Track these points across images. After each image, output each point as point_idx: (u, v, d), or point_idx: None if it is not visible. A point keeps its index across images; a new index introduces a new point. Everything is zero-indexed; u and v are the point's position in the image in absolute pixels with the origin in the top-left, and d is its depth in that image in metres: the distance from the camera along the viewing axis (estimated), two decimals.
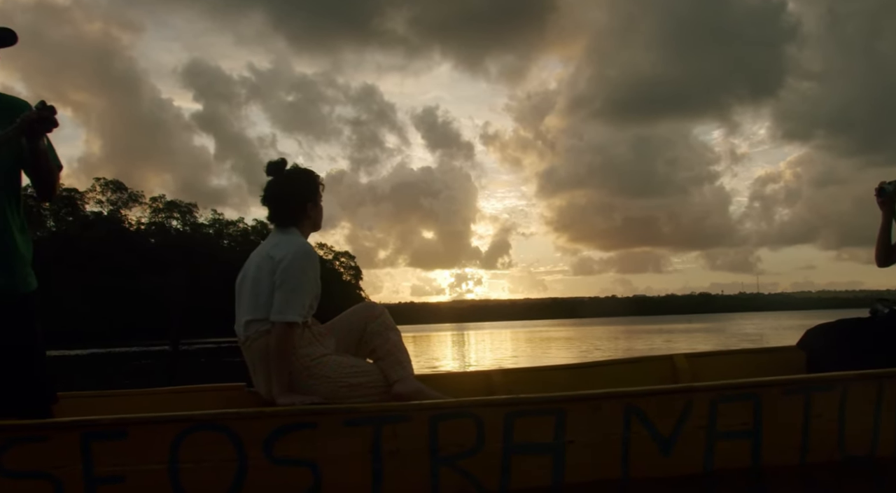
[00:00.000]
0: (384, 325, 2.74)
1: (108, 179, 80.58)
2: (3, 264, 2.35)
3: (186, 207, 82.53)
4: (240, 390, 2.98)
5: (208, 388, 3.05)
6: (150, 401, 2.96)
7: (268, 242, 2.67)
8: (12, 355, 2.36)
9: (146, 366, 19.34)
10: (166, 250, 72.26)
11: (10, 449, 2.12)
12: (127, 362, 22.18)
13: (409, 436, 2.32)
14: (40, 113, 2.21)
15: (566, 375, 3.46)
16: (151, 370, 16.83)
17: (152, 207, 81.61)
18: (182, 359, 23.20)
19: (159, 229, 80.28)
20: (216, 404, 2.89)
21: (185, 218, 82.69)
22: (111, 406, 2.85)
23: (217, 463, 2.21)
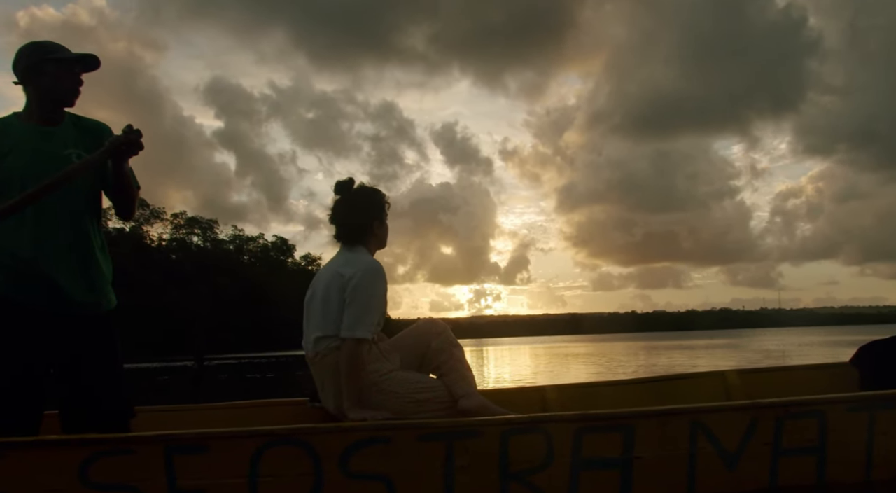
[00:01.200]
0: (448, 341, 2.79)
1: None
2: (87, 282, 2.43)
3: (207, 224, 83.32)
4: (302, 405, 3.03)
5: (271, 403, 3.10)
6: (213, 416, 3.02)
7: (336, 261, 2.73)
8: (96, 369, 2.43)
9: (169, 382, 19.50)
10: (187, 265, 72.94)
11: (97, 462, 2.17)
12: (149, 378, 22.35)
13: (480, 451, 2.35)
14: (128, 136, 2.30)
15: (619, 391, 3.49)
16: (174, 387, 16.99)
17: (174, 224, 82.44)
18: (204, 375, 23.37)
19: (180, 245, 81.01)
20: (280, 420, 2.94)
21: (206, 234, 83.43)
22: (178, 421, 2.91)
23: (294, 477, 2.26)
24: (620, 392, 3.46)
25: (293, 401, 3.08)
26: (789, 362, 16.71)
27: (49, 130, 2.47)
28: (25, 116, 2.49)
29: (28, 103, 2.50)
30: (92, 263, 2.46)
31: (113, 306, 2.53)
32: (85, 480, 2.16)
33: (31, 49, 2.49)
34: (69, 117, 2.54)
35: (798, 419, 2.57)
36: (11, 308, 2.35)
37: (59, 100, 2.50)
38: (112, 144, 2.32)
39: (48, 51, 2.48)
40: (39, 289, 2.36)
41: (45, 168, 2.38)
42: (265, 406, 3.08)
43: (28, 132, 2.44)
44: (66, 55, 2.49)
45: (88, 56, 2.53)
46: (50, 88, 2.47)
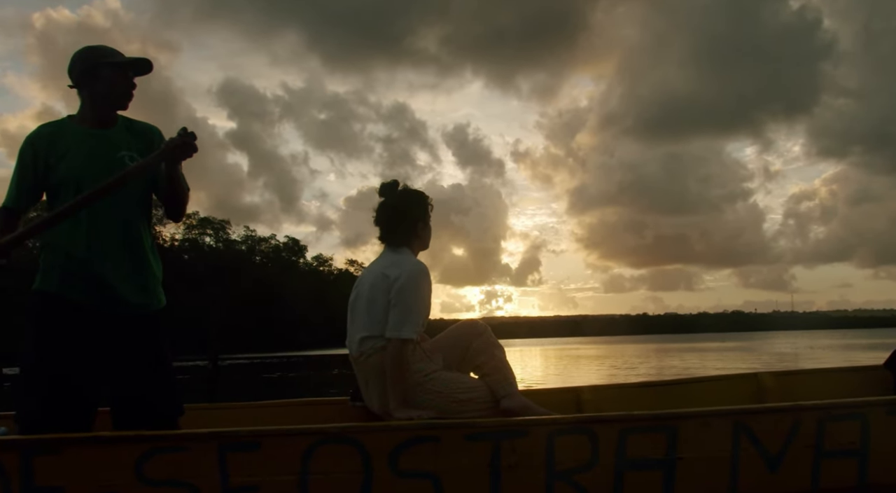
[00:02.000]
0: (488, 342, 2.81)
1: None
2: (138, 282, 2.48)
3: (220, 224, 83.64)
4: (343, 404, 3.06)
5: (312, 402, 3.14)
6: (256, 414, 3.06)
7: (381, 262, 2.77)
8: (147, 368, 2.47)
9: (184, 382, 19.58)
10: (199, 265, 73.25)
11: (152, 459, 2.21)
12: None
13: (526, 451, 2.38)
14: (183, 139, 2.34)
15: (652, 392, 3.51)
16: (189, 387, 17.08)
17: (186, 224, 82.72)
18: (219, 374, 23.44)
19: (193, 246, 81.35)
20: (321, 419, 2.97)
21: (219, 234, 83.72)
22: (222, 418, 2.95)
23: (344, 475, 2.29)
24: (655, 394, 3.48)
25: (334, 400, 3.12)
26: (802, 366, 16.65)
27: (103, 133, 2.52)
28: (79, 119, 2.54)
29: (82, 107, 2.55)
30: (143, 263, 2.51)
31: (163, 306, 2.57)
32: (140, 476, 2.20)
33: (86, 54, 2.54)
34: (121, 120, 2.59)
35: (840, 422, 2.58)
36: (66, 306, 2.40)
37: (113, 103, 2.55)
38: (168, 147, 2.36)
39: (103, 55, 2.53)
40: (93, 288, 2.41)
41: (99, 170, 2.43)
42: (306, 405, 3.12)
43: (82, 135, 2.49)
44: (120, 59, 2.54)
45: (141, 60, 2.59)
46: (104, 91, 2.52)
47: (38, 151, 2.45)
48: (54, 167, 2.44)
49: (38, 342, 2.40)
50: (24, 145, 2.47)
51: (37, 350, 2.39)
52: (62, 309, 2.39)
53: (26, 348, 2.41)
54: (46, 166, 2.44)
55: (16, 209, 2.47)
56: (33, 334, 2.41)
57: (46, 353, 2.37)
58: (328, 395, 3.94)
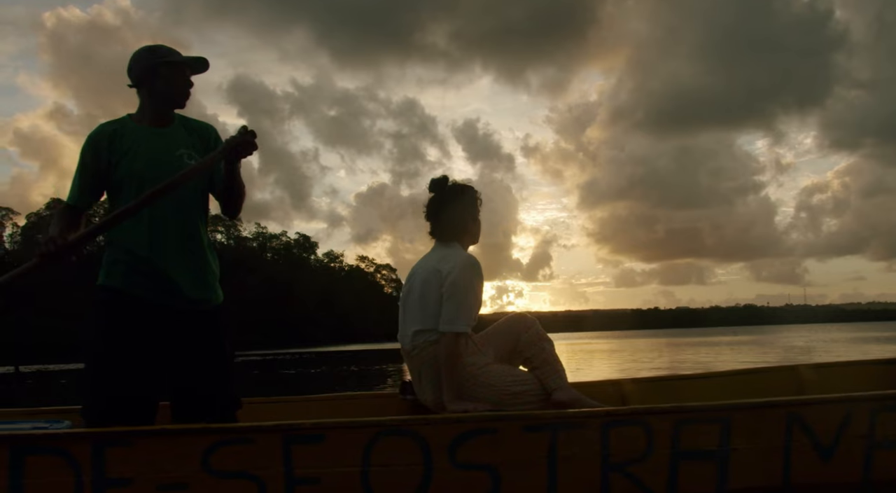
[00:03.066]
0: (538, 335, 2.84)
1: None
2: (199, 278, 2.52)
3: (231, 221, 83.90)
4: (393, 397, 3.10)
5: (362, 396, 3.18)
6: (309, 408, 3.10)
7: (433, 256, 2.80)
8: (205, 362, 2.52)
9: None
10: None
11: (218, 451, 2.26)
12: None
13: (582, 442, 2.41)
14: (244, 137, 2.37)
15: (694, 385, 3.52)
16: None
17: None
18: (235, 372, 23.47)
19: None
20: (372, 412, 3.01)
21: (230, 231, 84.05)
22: (274, 411, 3.00)
23: (405, 467, 2.33)
24: (696, 386, 3.50)
25: (383, 394, 3.16)
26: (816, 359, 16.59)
27: (161, 132, 2.56)
28: (138, 118, 2.58)
29: (141, 106, 2.59)
30: (202, 260, 2.55)
31: (220, 301, 2.61)
32: (207, 467, 2.24)
33: (145, 53, 2.58)
34: (179, 119, 2.63)
35: (891, 412, 2.59)
36: (129, 301, 2.44)
37: (171, 102, 2.58)
38: (229, 145, 2.40)
39: (161, 55, 2.57)
40: (154, 284, 2.45)
41: (159, 168, 2.47)
42: (354, 399, 3.16)
43: (142, 134, 2.53)
44: (178, 58, 2.57)
45: (198, 59, 2.62)
46: (163, 90, 2.56)
47: (99, 149, 2.49)
48: (116, 165, 2.48)
49: (103, 337, 2.44)
50: (86, 144, 2.51)
51: (101, 345, 2.44)
52: (126, 304, 2.44)
53: (91, 343, 2.46)
54: (108, 165, 2.49)
55: (79, 207, 2.52)
56: (98, 329, 2.45)
57: (112, 347, 2.42)
58: (354, 390, 3.99)
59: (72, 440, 2.22)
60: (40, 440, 2.22)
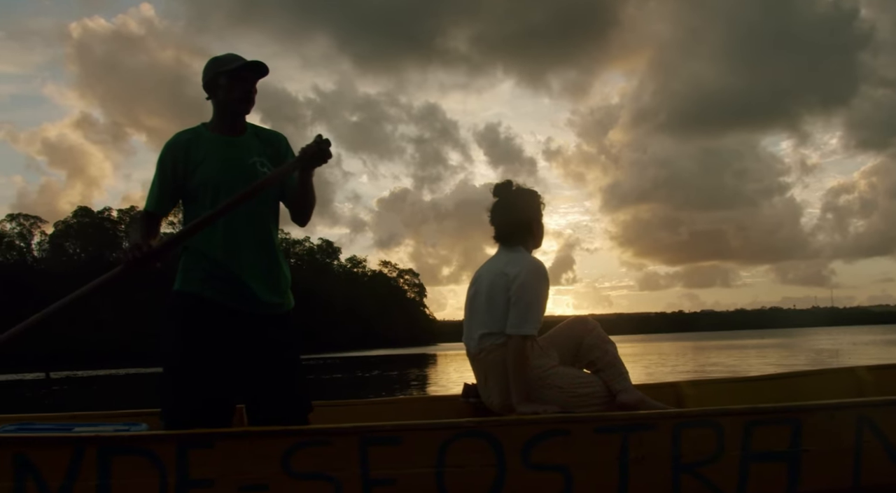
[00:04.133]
0: (600, 338, 2.86)
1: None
2: (272, 283, 2.58)
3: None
4: (455, 400, 3.14)
5: (423, 399, 3.23)
6: (374, 411, 3.14)
7: (498, 260, 2.83)
8: (279, 365, 2.57)
9: None
10: None
11: (297, 452, 2.30)
12: None
13: (653, 443, 2.43)
14: (319, 146, 2.42)
15: (751, 387, 3.52)
16: None
17: None
18: None
19: None
20: (435, 415, 3.04)
21: None
22: (341, 415, 3.04)
23: (479, 468, 2.36)
24: (753, 388, 3.50)
25: (445, 397, 3.19)
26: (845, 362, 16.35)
27: (234, 140, 2.61)
28: (212, 127, 2.64)
29: (214, 115, 2.65)
30: (276, 266, 2.61)
31: (292, 307, 2.67)
32: (287, 469, 2.29)
33: (208, 65, 2.64)
34: (250, 128, 2.68)
35: None
36: (207, 306, 2.50)
37: (233, 110, 2.63)
38: (304, 154, 2.45)
39: (220, 64, 2.62)
40: (230, 289, 2.51)
41: (234, 176, 2.53)
42: (416, 402, 3.21)
43: (216, 142, 2.59)
44: (233, 65, 2.60)
45: (252, 63, 2.61)
46: (224, 99, 2.61)
47: (176, 158, 2.56)
48: (192, 173, 2.54)
49: (182, 341, 2.50)
50: (164, 153, 2.58)
51: (182, 349, 2.50)
52: (204, 309, 2.50)
53: (170, 347, 2.52)
54: (185, 173, 2.55)
55: (157, 214, 2.58)
56: (177, 333, 2.52)
57: (191, 351, 2.48)
58: (378, 395, 4.03)
59: (157, 442, 2.27)
60: (127, 442, 2.28)
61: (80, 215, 78.55)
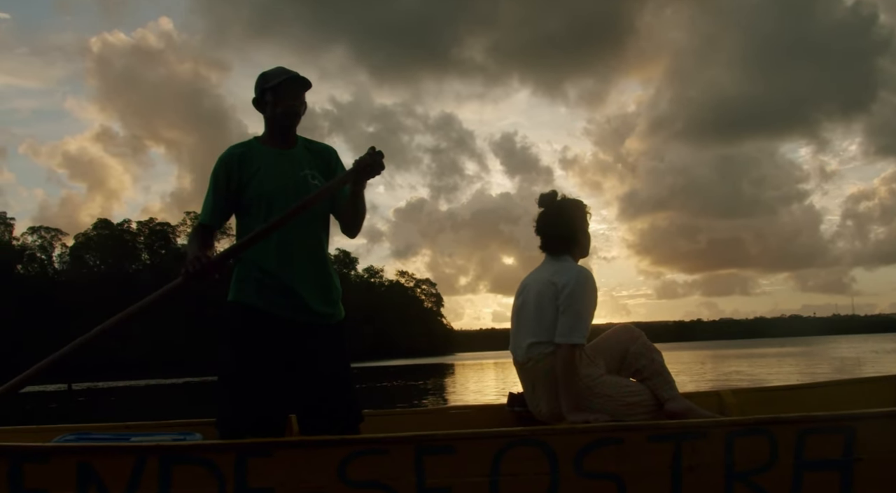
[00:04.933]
0: (646, 346, 2.87)
1: (198, 213, 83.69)
2: (324, 294, 2.61)
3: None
4: (499, 409, 3.15)
5: (467, 407, 3.24)
6: (417, 420, 3.16)
7: (546, 270, 2.85)
8: (330, 375, 2.60)
9: None
10: None
11: (354, 461, 2.33)
12: None
13: (706, 452, 2.43)
14: (373, 158, 2.46)
15: (794, 394, 3.51)
16: None
17: None
18: None
19: None
20: (481, 424, 3.06)
21: None
22: (391, 424, 3.06)
23: (532, 476, 2.37)
24: (796, 396, 3.48)
25: (490, 406, 3.21)
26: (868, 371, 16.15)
27: (285, 153, 2.66)
28: (264, 140, 2.69)
29: (265, 129, 2.70)
30: (327, 277, 2.65)
31: (343, 318, 2.70)
32: (343, 477, 2.31)
33: (257, 81, 2.69)
34: (301, 140, 2.73)
35: None
36: (261, 316, 2.54)
37: (280, 123, 2.67)
38: (358, 166, 2.48)
39: (266, 80, 2.67)
40: (284, 300, 2.55)
41: (286, 189, 2.58)
42: (461, 411, 3.22)
43: (269, 155, 2.64)
44: (276, 81, 2.63)
45: (293, 78, 2.64)
46: (271, 114, 2.66)
47: (230, 171, 2.60)
48: (246, 186, 2.59)
49: (237, 351, 2.54)
50: (218, 166, 2.62)
51: (237, 359, 2.54)
52: (258, 319, 2.54)
53: (225, 357, 2.56)
54: (238, 185, 2.60)
55: (212, 226, 2.63)
56: (233, 344, 2.56)
57: (246, 361, 2.52)
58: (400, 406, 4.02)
59: (217, 451, 2.31)
60: (188, 451, 2.31)
61: (100, 228, 79.40)
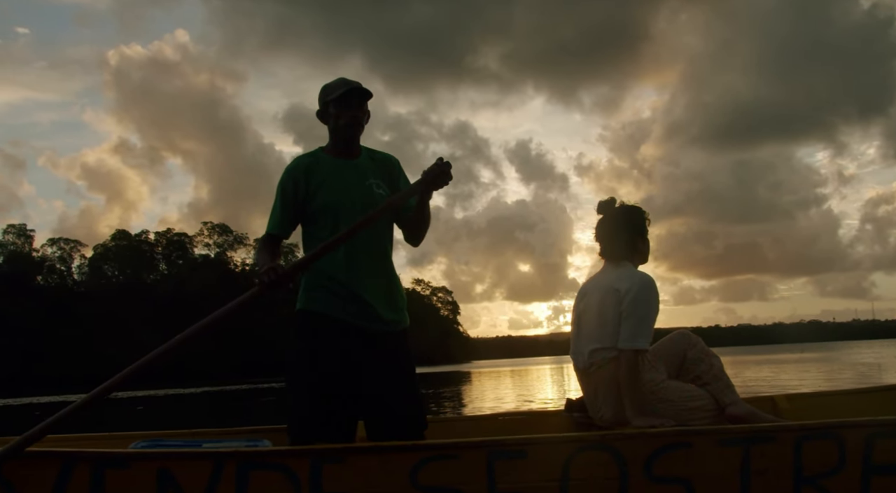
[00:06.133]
0: (704, 352, 2.89)
1: (214, 223, 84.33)
2: (392, 302, 2.65)
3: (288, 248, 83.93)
4: (557, 415, 3.17)
5: (526, 414, 3.26)
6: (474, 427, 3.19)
7: (607, 276, 2.87)
8: (399, 382, 2.63)
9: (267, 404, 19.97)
10: None
11: (425, 466, 2.35)
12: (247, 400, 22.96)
13: (775, 456, 2.43)
14: (441, 168, 2.49)
15: (850, 399, 3.52)
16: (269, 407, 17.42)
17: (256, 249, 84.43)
18: None
19: None
20: (541, 430, 3.08)
21: (287, 258, 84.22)
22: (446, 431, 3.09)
23: (602, 481, 2.38)
24: (852, 400, 3.48)
25: (548, 411, 3.23)
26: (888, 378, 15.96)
27: (350, 163, 2.70)
28: (329, 151, 2.73)
29: (329, 140, 2.75)
30: (394, 284, 2.69)
31: (408, 325, 2.73)
32: (415, 483, 2.33)
33: (319, 94, 2.74)
34: (364, 150, 2.77)
35: None
36: (331, 324, 2.58)
37: (342, 135, 2.71)
38: (428, 177, 2.52)
39: (327, 93, 2.71)
40: (353, 307, 2.59)
41: (353, 198, 2.62)
42: (520, 417, 3.24)
43: (334, 166, 2.68)
44: (337, 94, 2.67)
45: (354, 88, 2.68)
46: (334, 126, 2.70)
47: (297, 181, 2.65)
48: (313, 196, 2.63)
49: (307, 358, 2.58)
50: (285, 177, 2.67)
51: (307, 366, 2.57)
52: (328, 326, 2.58)
53: (296, 364, 2.60)
54: (306, 196, 2.64)
55: (280, 236, 2.68)
56: (302, 351, 2.59)
57: (316, 368, 2.55)
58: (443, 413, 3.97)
59: (293, 457, 2.34)
60: (264, 457, 2.34)
61: (118, 239, 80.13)
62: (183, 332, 2.42)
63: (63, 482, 2.26)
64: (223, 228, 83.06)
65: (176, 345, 2.38)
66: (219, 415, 15.74)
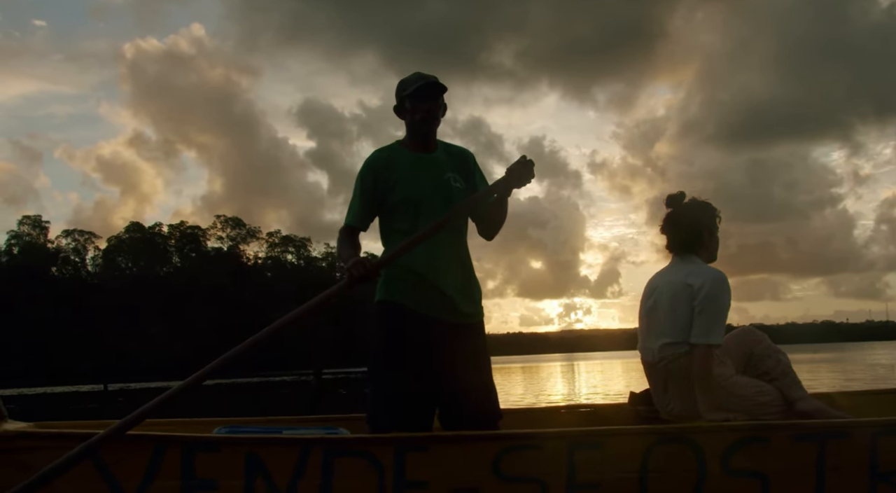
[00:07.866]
0: (770, 348, 2.91)
1: (227, 216, 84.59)
2: (469, 294, 2.70)
3: (301, 242, 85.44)
4: (621, 407, 3.20)
5: (591, 406, 3.30)
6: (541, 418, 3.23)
7: (677, 271, 2.89)
8: (473, 372, 2.67)
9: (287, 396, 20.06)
10: (281, 283, 75.02)
11: (507, 456, 2.39)
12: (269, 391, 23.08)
13: (850, 452, 2.46)
14: (524, 167, 2.53)
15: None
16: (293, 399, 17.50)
17: (268, 242, 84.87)
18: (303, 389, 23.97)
19: (275, 263, 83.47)
20: (606, 422, 3.12)
21: (300, 252, 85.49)
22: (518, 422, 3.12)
23: (680, 473, 2.42)
24: None
25: (612, 404, 3.26)
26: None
27: (428, 157, 2.74)
28: (406, 144, 2.77)
29: (406, 134, 2.78)
30: (471, 277, 2.73)
31: (483, 317, 2.77)
32: (497, 472, 2.38)
33: (396, 89, 2.76)
34: (441, 144, 2.81)
35: None
36: (410, 315, 2.62)
37: (417, 130, 2.74)
38: (511, 175, 2.56)
39: (403, 88, 2.73)
40: (433, 299, 2.63)
41: (431, 192, 2.66)
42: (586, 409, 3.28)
43: (412, 159, 2.72)
44: (413, 88, 2.69)
45: (429, 83, 2.69)
46: (411, 120, 2.74)
47: (377, 174, 2.69)
48: (392, 189, 2.67)
49: (387, 349, 2.63)
50: (364, 170, 2.71)
51: (387, 356, 2.62)
52: (408, 317, 2.62)
53: (376, 355, 2.65)
54: (385, 189, 2.68)
55: (359, 228, 2.72)
56: (383, 342, 2.64)
57: (398, 359, 2.60)
58: None
59: (377, 445, 2.38)
60: (350, 444, 2.39)
61: (132, 231, 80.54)
62: (271, 324, 2.47)
63: (155, 465, 2.32)
64: (236, 221, 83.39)
65: (264, 337, 2.43)
66: (242, 407, 15.83)
